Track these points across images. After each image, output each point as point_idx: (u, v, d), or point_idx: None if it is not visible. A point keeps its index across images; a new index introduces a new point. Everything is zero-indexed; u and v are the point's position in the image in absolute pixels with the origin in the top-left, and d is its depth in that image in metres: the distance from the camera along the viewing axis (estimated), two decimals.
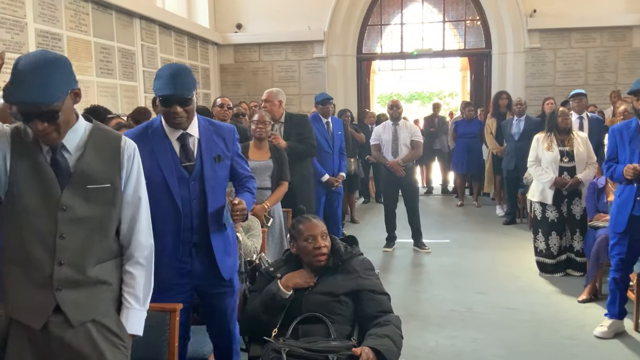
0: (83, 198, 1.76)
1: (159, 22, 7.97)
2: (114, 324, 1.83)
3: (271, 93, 4.98)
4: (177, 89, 2.34)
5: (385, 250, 6.37)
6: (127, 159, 1.85)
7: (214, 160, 2.49)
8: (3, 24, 4.99)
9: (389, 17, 10.62)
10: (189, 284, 2.50)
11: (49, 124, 1.66)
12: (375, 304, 2.46)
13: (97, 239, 1.80)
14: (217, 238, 2.50)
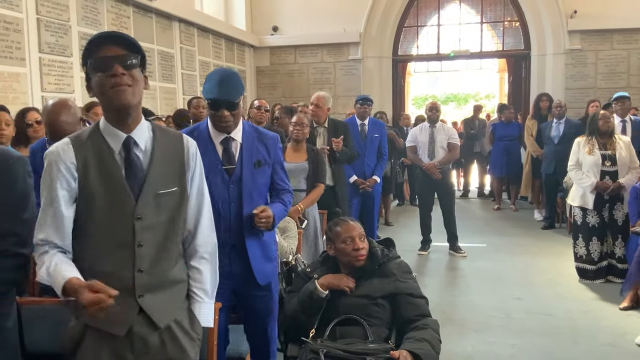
0: (155, 205, 1.75)
1: (197, 25, 8.09)
2: (189, 320, 1.86)
3: (323, 99, 5.02)
4: (225, 93, 2.40)
5: (420, 253, 6.33)
6: (191, 158, 1.84)
7: (254, 165, 2.52)
8: (48, 27, 5.14)
9: (425, 19, 10.55)
10: (228, 285, 2.52)
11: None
12: (413, 307, 2.45)
13: (170, 242, 1.80)
14: (253, 242, 2.52)
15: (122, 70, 1.65)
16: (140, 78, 1.72)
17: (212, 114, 2.45)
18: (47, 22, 5.12)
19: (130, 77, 1.67)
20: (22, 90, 4.82)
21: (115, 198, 1.71)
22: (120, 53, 1.66)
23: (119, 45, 1.68)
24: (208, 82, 2.44)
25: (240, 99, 2.46)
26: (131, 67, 1.67)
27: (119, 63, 1.65)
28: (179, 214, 1.81)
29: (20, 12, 4.82)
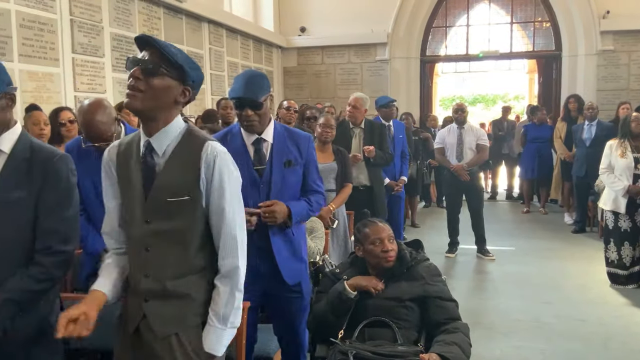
0: (164, 211, 1.73)
1: (226, 26, 8.16)
2: (194, 340, 1.75)
3: (360, 100, 5.02)
4: (248, 92, 2.41)
5: (447, 255, 6.28)
6: (206, 168, 1.72)
7: (284, 165, 2.52)
8: (81, 28, 5.24)
9: (454, 19, 10.48)
10: (258, 285, 2.53)
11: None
12: (443, 310, 2.43)
13: (181, 252, 1.75)
14: (279, 241, 2.52)
15: (137, 74, 1.66)
16: (164, 87, 1.69)
17: (237, 114, 2.48)
18: (80, 23, 5.21)
19: (145, 84, 1.67)
20: (55, 90, 4.91)
21: (133, 199, 1.76)
22: (149, 57, 1.67)
23: (150, 48, 1.70)
24: (234, 82, 2.47)
25: (266, 98, 2.46)
26: (148, 73, 1.67)
27: (140, 66, 1.67)
28: (191, 224, 1.74)
29: (54, 13, 4.92)
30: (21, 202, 1.86)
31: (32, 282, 1.86)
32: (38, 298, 1.91)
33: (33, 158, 1.90)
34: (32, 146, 1.93)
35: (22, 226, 1.88)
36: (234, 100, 2.45)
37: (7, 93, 1.89)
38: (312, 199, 2.62)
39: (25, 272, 1.86)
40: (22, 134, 1.94)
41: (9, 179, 1.87)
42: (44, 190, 1.88)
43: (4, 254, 1.86)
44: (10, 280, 1.85)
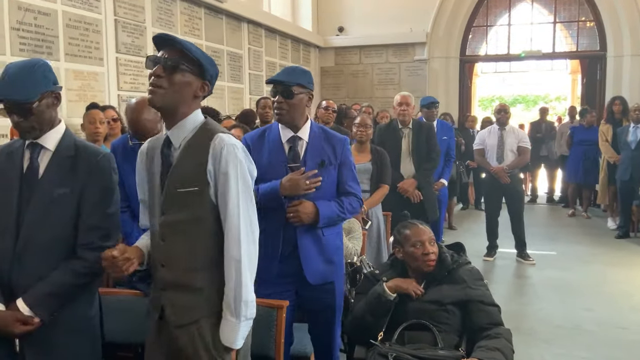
0: (178, 203, 1.76)
1: (265, 26, 8.21)
2: (211, 333, 1.78)
3: (410, 97, 4.97)
4: (282, 77, 2.46)
5: (485, 259, 6.18)
6: (214, 159, 1.74)
7: (318, 165, 2.52)
8: (125, 28, 5.34)
9: (495, 18, 10.31)
10: (292, 283, 2.54)
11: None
12: (485, 315, 2.39)
13: (194, 244, 1.77)
14: (307, 242, 2.50)
15: (158, 72, 1.70)
16: (183, 83, 1.73)
17: (271, 102, 2.54)
18: (124, 23, 5.32)
19: (167, 81, 1.71)
20: (99, 88, 5.02)
21: (153, 192, 1.84)
22: (169, 55, 1.73)
23: (169, 47, 1.74)
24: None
25: (300, 92, 2.47)
26: (170, 70, 1.71)
27: (161, 64, 1.71)
28: (203, 215, 1.76)
29: (99, 14, 5.02)
30: (65, 198, 1.92)
31: (74, 276, 1.92)
32: (79, 292, 1.97)
33: (77, 156, 1.95)
34: (76, 144, 1.98)
35: (65, 222, 1.93)
36: (271, 87, 2.50)
37: (53, 92, 1.94)
38: (344, 200, 2.58)
39: (67, 267, 1.92)
40: (66, 132, 1.99)
41: (53, 176, 1.93)
42: (88, 187, 1.93)
43: (47, 248, 1.92)
44: (53, 274, 1.90)
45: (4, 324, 1.84)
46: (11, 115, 1.89)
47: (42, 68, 1.93)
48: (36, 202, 1.90)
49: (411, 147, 4.87)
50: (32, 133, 1.92)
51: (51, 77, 1.95)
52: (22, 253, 1.90)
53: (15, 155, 1.96)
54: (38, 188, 1.91)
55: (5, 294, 1.90)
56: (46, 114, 1.92)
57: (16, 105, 1.86)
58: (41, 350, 1.91)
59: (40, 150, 1.94)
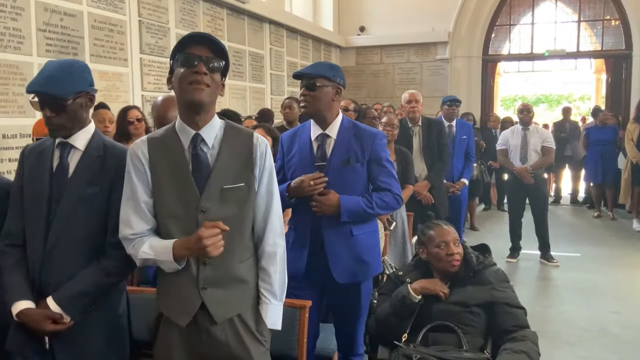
0: (220, 199, 1.78)
1: (286, 26, 8.23)
2: (255, 320, 1.85)
3: (418, 94, 4.98)
4: (308, 69, 2.50)
5: (508, 260, 6.11)
6: (260, 156, 1.84)
7: (343, 162, 2.49)
8: (149, 29, 5.39)
9: (518, 17, 10.20)
10: (319, 280, 2.53)
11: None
12: (511, 317, 2.36)
13: (234, 238, 1.80)
14: (334, 240, 2.49)
15: (204, 70, 1.73)
16: (219, 83, 1.81)
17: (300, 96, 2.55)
18: (148, 24, 5.37)
19: (210, 79, 1.75)
20: (124, 89, 5.08)
21: (182, 191, 1.79)
22: (207, 54, 1.76)
23: (208, 47, 1.77)
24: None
25: (325, 85, 2.47)
26: (214, 69, 1.76)
27: (204, 63, 1.74)
28: (246, 210, 1.83)
29: (124, 15, 5.08)
30: (94, 197, 1.93)
31: (104, 275, 1.93)
32: (109, 291, 1.98)
33: (106, 156, 1.97)
34: (105, 144, 2.00)
35: (94, 220, 1.95)
36: (300, 80, 2.53)
37: (88, 93, 1.96)
38: (374, 195, 2.51)
39: (97, 266, 1.93)
40: (95, 132, 2.02)
41: (83, 175, 1.95)
42: (116, 187, 1.93)
43: (76, 247, 1.93)
44: (83, 273, 1.92)
45: (35, 322, 1.86)
46: (44, 109, 1.91)
47: (81, 68, 1.96)
48: (66, 201, 1.92)
49: (422, 146, 4.85)
50: (61, 131, 1.94)
51: (88, 79, 1.98)
52: (51, 251, 1.92)
53: (45, 155, 1.98)
54: (68, 187, 1.93)
55: (35, 293, 1.93)
56: (78, 113, 1.94)
57: (51, 99, 1.89)
58: (71, 348, 1.93)
59: (70, 150, 1.97)
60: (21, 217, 1.97)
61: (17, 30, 4.06)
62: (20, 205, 1.98)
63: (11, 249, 1.97)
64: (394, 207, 2.60)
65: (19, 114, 4.08)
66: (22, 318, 1.87)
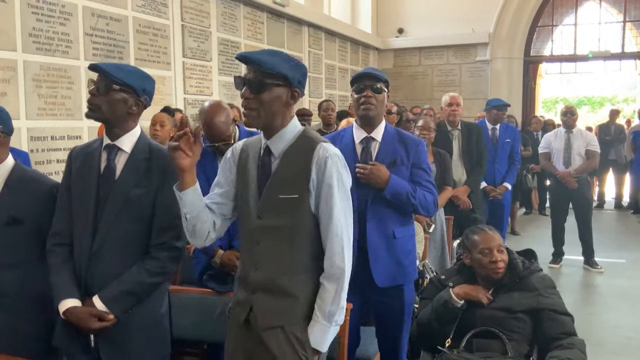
0: (275, 208, 1.79)
1: (325, 29, 8.26)
2: (300, 335, 1.80)
3: (459, 97, 4.91)
4: (371, 70, 2.50)
5: (551, 266, 5.99)
6: (317, 169, 1.77)
7: (389, 164, 2.50)
8: (191, 33, 5.49)
9: (560, 18, 10.00)
10: (360, 284, 2.53)
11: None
12: (558, 324, 2.32)
13: (283, 250, 1.79)
14: (377, 241, 2.48)
15: (248, 95, 1.75)
16: (272, 99, 1.75)
17: (357, 98, 2.49)
18: (190, 29, 5.46)
19: (256, 101, 1.74)
20: (167, 92, 5.18)
21: (247, 195, 1.84)
22: (250, 75, 1.75)
23: (250, 66, 1.76)
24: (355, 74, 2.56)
25: (384, 88, 2.49)
26: (257, 90, 1.74)
27: (247, 87, 1.75)
28: (299, 223, 1.79)
29: (167, 19, 5.18)
30: (140, 199, 1.98)
31: (148, 275, 1.97)
32: (152, 290, 2.02)
33: (151, 158, 2.01)
34: (150, 147, 2.04)
35: (139, 222, 1.99)
36: (356, 80, 2.50)
37: (139, 97, 2.01)
38: (418, 190, 2.52)
39: (141, 266, 1.97)
40: (141, 135, 2.06)
41: (129, 177, 1.99)
42: (161, 189, 1.98)
43: (122, 247, 1.98)
44: (128, 273, 1.96)
45: (80, 320, 1.91)
46: (92, 87, 1.97)
47: (145, 75, 2.05)
48: (112, 202, 1.97)
49: (461, 150, 4.79)
50: (95, 113, 1.98)
51: (146, 86, 2.03)
52: (98, 251, 1.97)
53: (93, 157, 2.03)
54: (115, 189, 1.98)
55: (81, 291, 1.98)
56: (117, 110, 1.97)
57: (106, 80, 1.95)
58: (114, 346, 1.98)
59: (117, 152, 2.01)
60: (69, 217, 2.03)
61: (65, 34, 4.19)
62: (67, 205, 2.03)
63: (59, 248, 2.03)
64: (430, 210, 2.59)
65: (67, 116, 4.20)
66: (68, 316, 1.92)
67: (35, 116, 3.98)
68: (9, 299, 2.10)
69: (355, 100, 2.52)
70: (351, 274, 2.46)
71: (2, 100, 3.65)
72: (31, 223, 2.10)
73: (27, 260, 2.09)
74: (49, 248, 2.04)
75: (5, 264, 2.10)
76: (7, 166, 2.16)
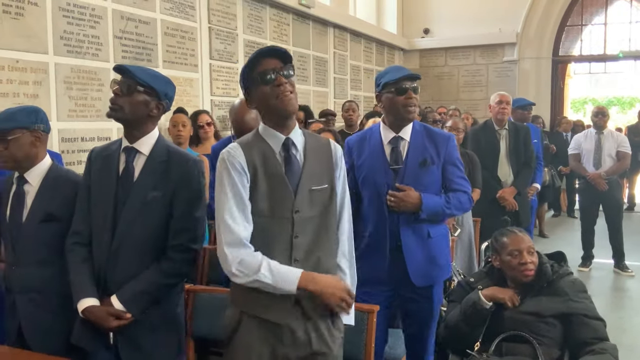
0: (309, 200, 1.86)
1: (350, 30, 8.24)
2: (333, 318, 1.90)
3: (509, 96, 4.81)
4: (407, 70, 2.47)
5: (580, 269, 5.89)
6: (339, 160, 1.96)
7: (420, 164, 2.48)
8: (218, 35, 5.53)
9: (590, 17, 9.83)
10: (389, 285, 2.52)
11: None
12: (589, 329, 2.28)
13: (323, 236, 1.89)
14: (412, 242, 2.47)
15: (284, 80, 1.79)
16: (295, 84, 1.87)
17: (395, 101, 2.44)
18: (217, 31, 5.50)
19: (291, 85, 1.83)
20: (194, 94, 5.22)
21: (278, 193, 1.84)
22: (278, 65, 1.82)
23: (276, 58, 1.83)
24: (386, 73, 2.50)
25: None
26: (289, 76, 1.83)
27: (281, 74, 1.80)
28: (330, 209, 1.91)
29: (194, 22, 5.23)
30: (157, 201, 2.01)
31: (164, 276, 2.01)
32: (168, 291, 2.06)
33: (169, 161, 2.04)
34: (168, 149, 2.08)
35: (156, 223, 2.02)
36: (397, 82, 2.43)
37: (161, 102, 2.04)
38: (451, 195, 2.51)
39: (158, 267, 2.01)
40: (159, 138, 2.09)
41: (147, 180, 2.02)
42: (178, 191, 2.01)
43: (140, 248, 2.02)
44: (145, 273, 2.00)
45: (99, 319, 1.95)
46: (115, 87, 2.02)
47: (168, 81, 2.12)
48: (131, 203, 2.01)
49: (508, 150, 4.71)
50: (116, 113, 2.02)
51: (168, 91, 2.08)
52: (117, 251, 2.01)
53: (111, 158, 2.07)
54: (133, 190, 2.02)
55: (100, 290, 2.02)
56: (138, 112, 2.01)
57: (131, 81, 1.99)
58: (132, 344, 2.03)
59: (135, 155, 2.05)
60: (88, 217, 2.07)
61: (95, 37, 4.25)
62: (87, 206, 2.08)
63: (78, 247, 2.07)
64: (467, 208, 2.59)
65: (97, 117, 4.26)
66: (87, 315, 1.97)
67: (66, 117, 4.05)
68: (42, 296, 2.16)
69: (396, 102, 2.43)
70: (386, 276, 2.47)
71: (35, 102, 3.72)
72: (65, 221, 2.15)
73: (60, 258, 2.14)
74: (68, 247, 2.09)
75: (40, 260, 2.17)
76: (45, 165, 2.24)
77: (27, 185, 2.21)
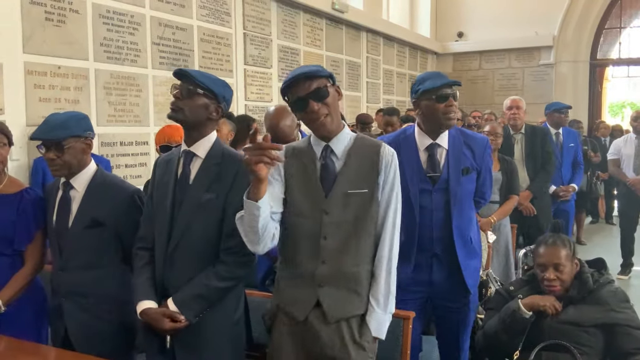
0: (343, 202, 1.87)
1: (383, 34, 8.24)
2: (359, 326, 1.88)
3: (520, 100, 4.77)
4: (450, 80, 2.40)
5: (619, 277, 5.72)
6: (386, 166, 1.91)
7: (462, 172, 2.44)
8: (253, 41, 5.59)
9: (629, 20, 9.61)
10: (424, 293, 2.50)
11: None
12: (632, 339, 2.22)
13: (351, 241, 1.87)
14: (463, 251, 2.44)
15: (317, 106, 1.82)
16: (334, 98, 1.88)
17: (435, 108, 2.39)
18: (252, 37, 5.57)
19: (325, 107, 1.84)
20: None
21: (309, 195, 1.89)
22: (310, 89, 1.82)
23: (306, 80, 1.83)
24: (423, 80, 2.42)
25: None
26: (324, 97, 1.84)
27: (313, 99, 1.82)
28: (367, 215, 1.89)
29: (230, 28, 5.30)
30: (211, 203, 2.01)
31: (218, 280, 2.00)
32: (222, 295, 2.04)
33: (223, 163, 2.05)
34: (223, 152, 2.08)
35: (211, 226, 2.02)
36: (437, 90, 2.38)
37: (220, 106, 2.07)
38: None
39: (212, 270, 2.00)
40: (216, 141, 2.10)
41: (202, 182, 2.03)
42: (231, 193, 2.00)
43: (195, 250, 2.02)
44: (199, 277, 2.00)
45: (154, 320, 1.97)
46: (175, 91, 2.04)
47: (225, 84, 2.12)
48: (186, 206, 2.02)
49: (524, 154, 4.64)
50: (177, 114, 2.03)
51: (226, 94, 2.09)
52: (173, 254, 2.02)
53: (172, 163, 2.11)
54: (188, 193, 2.03)
55: (158, 293, 2.04)
56: (199, 115, 2.02)
57: (191, 85, 2.01)
58: (188, 349, 2.02)
59: (192, 158, 2.07)
60: (152, 222, 2.10)
61: (134, 44, 4.34)
62: (151, 211, 2.12)
63: (142, 251, 2.11)
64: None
65: (135, 122, 4.35)
66: (143, 317, 1.99)
67: (106, 122, 4.14)
68: (88, 300, 2.20)
69: (436, 109, 2.37)
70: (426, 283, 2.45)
71: (75, 107, 3.82)
72: (111, 227, 2.20)
73: (106, 263, 2.19)
74: (133, 252, 2.13)
75: (86, 265, 2.21)
76: (90, 171, 2.28)
77: (73, 191, 2.26)
